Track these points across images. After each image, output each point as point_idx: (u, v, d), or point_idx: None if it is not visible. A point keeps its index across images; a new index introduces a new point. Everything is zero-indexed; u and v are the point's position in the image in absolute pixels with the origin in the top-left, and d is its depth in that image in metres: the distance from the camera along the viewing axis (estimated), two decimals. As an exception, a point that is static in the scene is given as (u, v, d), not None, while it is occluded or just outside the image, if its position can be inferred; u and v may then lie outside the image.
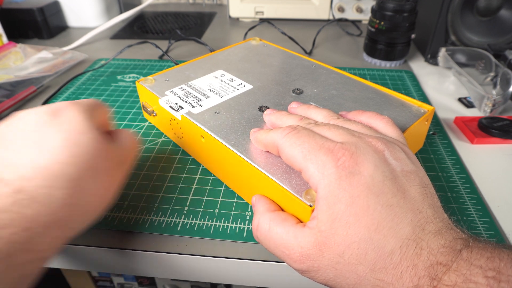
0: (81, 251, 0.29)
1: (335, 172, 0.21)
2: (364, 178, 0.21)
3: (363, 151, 0.22)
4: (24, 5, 0.65)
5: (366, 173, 0.21)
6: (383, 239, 0.20)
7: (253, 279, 0.29)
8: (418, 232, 0.20)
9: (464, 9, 0.53)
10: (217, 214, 0.30)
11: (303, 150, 0.23)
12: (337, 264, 0.21)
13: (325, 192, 0.21)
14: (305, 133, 0.24)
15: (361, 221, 0.20)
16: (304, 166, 0.23)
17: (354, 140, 0.23)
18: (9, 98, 0.46)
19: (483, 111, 0.44)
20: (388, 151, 0.23)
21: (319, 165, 0.22)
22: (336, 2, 0.71)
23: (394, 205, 0.21)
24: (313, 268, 0.21)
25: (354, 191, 0.21)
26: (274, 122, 0.30)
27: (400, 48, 0.54)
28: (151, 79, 0.39)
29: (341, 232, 0.20)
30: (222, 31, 0.72)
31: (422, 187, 0.22)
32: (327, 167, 0.22)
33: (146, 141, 0.39)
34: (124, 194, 0.32)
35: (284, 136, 0.25)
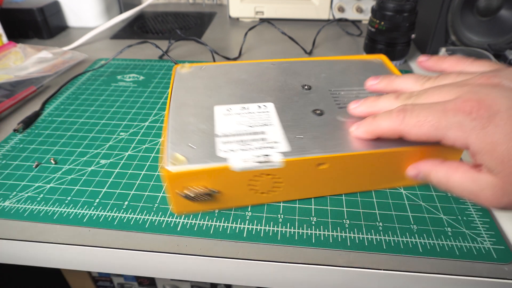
0: (81, 251, 0.29)
1: (477, 124, 0.21)
2: (505, 114, 0.21)
3: (484, 92, 0.22)
4: (24, 5, 0.65)
5: (503, 108, 0.21)
6: None
7: (253, 279, 0.29)
8: None
9: (464, 9, 0.53)
10: (217, 214, 0.30)
11: (432, 123, 0.23)
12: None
13: (479, 144, 0.21)
14: (418, 108, 0.24)
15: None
16: (442, 137, 0.23)
17: (466, 89, 0.23)
18: (9, 98, 0.46)
19: (483, 111, 0.44)
20: (503, 79, 0.22)
21: (457, 128, 0.22)
22: (336, 2, 0.71)
23: None
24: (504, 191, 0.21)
25: (504, 129, 0.21)
26: (368, 111, 0.29)
27: (400, 48, 0.54)
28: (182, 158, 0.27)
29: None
30: (222, 31, 0.72)
31: None
32: (465, 124, 0.21)
33: (146, 141, 0.39)
34: (124, 194, 0.32)
35: (402, 120, 0.24)
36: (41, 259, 0.30)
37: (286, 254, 0.27)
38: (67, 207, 0.31)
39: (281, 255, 0.27)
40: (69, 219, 0.30)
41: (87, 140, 0.40)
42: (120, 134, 0.41)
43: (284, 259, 0.27)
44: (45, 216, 0.30)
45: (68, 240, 0.29)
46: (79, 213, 0.31)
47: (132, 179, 0.34)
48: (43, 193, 0.33)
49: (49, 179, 0.34)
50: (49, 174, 0.35)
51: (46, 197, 0.32)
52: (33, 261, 0.31)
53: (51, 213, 0.31)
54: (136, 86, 0.51)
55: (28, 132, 0.41)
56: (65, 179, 0.34)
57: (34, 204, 0.32)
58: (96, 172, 0.35)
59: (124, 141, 0.39)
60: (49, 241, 0.29)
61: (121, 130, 0.41)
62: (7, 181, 0.34)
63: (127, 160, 0.36)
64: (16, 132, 0.41)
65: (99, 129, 0.41)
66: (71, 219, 0.30)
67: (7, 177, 0.35)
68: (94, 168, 0.35)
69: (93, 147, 0.38)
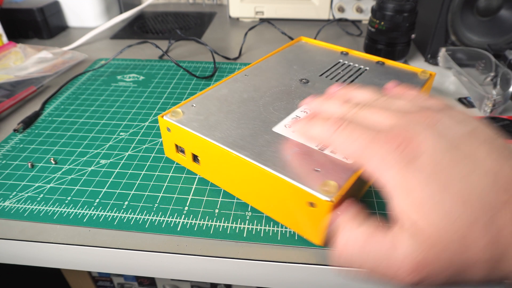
0: (81, 251, 0.29)
1: (398, 161, 0.20)
2: (428, 157, 0.20)
3: (417, 130, 0.21)
4: (24, 5, 0.65)
5: (428, 152, 0.20)
6: (474, 212, 0.18)
7: (253, 279, 0.29)
8: (501, 196, 0.18)
9: (464, 9, 0.53)
10: (217, 214, 0.30)
11: (359, 146, 0.22)
12: (452, 257, 0.18)
13: (395, 182, 0.20)
14: (352, 126, 0.23)
15: (445, 199, 0.19)
16: (364, 162, 0.22)
17: (404, 121, 0.22)
18: (9, 98, 0.46)
19: (483, 111, 0.44)
20: (439, 122, 0.22)
21: (380, 158, 0.21)
22: (336, 2, 0.71)
23: (469, 173, 0.19)
24: (428, 275, 0.19)
25: (424, 172, 0.20)
26: (316, 109, 0.29)
27: (400, 48, 0.54)
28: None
29: (436, 215, 0.19)
30: (222, 31, 0.72)
31: (487, 143, 0.21)
32: (389, 158, 0.21)
33: (146, 141, 0.39)
34: (124, 194, 0.32)
35: (333, 133, 0.24)
36: (41, 259, 0.30)
37: (286, 254, 0.27)
38: (67, 207, 0.31)
39: (281, 255, 0.27)
40: (69, 219, 0.30)
41: (87, 140, 0.40)
42: (120, 134, 0.41)
43: (284, 259, 0.27)
44: (45, 216, 0.30)
45: (68, 240, 0.29)
46: (79, 213, 0.31)
47: (132, 179, 0.34)
48: (43, 193, 0.33)
49: (49, 179, 0.34)
50: (49, 174, 0.35)
51: (46, 197, 0.32)
52: (33, 261, 0.31)
53: (51, 213, 0.31)
54: (136, 86, 0.51)
55: (28, 132, 0.41)
56: (65, 179, 0.34)
57: (34, 204, 0.32)
58: (96, 172, 0.35)
59: (124, 141, 0.39)
60: (49, 241, 0.29)
61: (121, 130, 0.41)
62: (7, 181, 0.34)
63: (127, 160, 0.36)
64: (16, 132, 0.41)
65: (99, 129, 0.41)
66: (71, 219, 0.30)
67: (7, 177, 0.35)
68: (94, 168, 0.35)
69: (93, 147, 0.38)
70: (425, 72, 0.41)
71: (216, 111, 0.34)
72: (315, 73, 0.42)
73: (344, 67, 0.43)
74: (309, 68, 0.43)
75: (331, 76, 0.41)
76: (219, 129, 0.31)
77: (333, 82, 0.40)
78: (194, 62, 0.58)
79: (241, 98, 0.36)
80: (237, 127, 0.32)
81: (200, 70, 0.55)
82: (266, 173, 0.27)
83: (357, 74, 0.41)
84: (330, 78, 0.41)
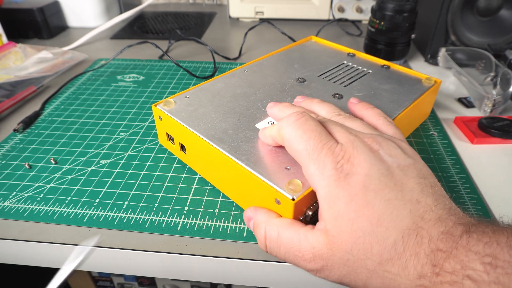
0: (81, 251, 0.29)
1: (334, 174, 0.22)
2: (361, 177, 0.22)
3: (359, 151, 0.23)
4: (24, 5, 0.65)
5: (362, 173, 0.22)
6: (385, 232, 0.21)
7: (253, 279, 0.29)
8: (418, 222, 0.21)
9: (464, 9, 0.53)
10: (217, 214, 0.30)
11: (308, 147, 0.23)
12: (348, 261, 0.21)
13: (324, 192, 0.22)
14: (312, 125, 0.24)
15: (362, 216, 0.21)
16: (306, 164, 0.23)
17: (352, 140, 0.24)
18: (9, 98, 0.46)
19: (483, 111, 0.44)
20: (383, 149, 0.24)
21: (320, 166, 0.23)
22: (336, 2, 0.71)
23: (392, 199, 0.21)
24: (327, 267, 0.22)
25: (352, 190, 0.22)
26: (276, 114, 0.30)
27: (400, 48, 0.54)
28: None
29: (346, 229, 0.21)
30: (222, 31, 0.72)
31: (420, 178, 0.23)
32: (327, 168, 0.22)
33: (146, 141, 0.39)
34: (124, 194, 0.32)
35: (291, 122, 0.25)
36: (41, 259, 0.30)
37: (286, 254, 0.27)
38: (67, 207, 0.31)
39: (281, 255, 0.27)
40: (69, 219, 0.30)
41: (87, 140, 0.40)
42: (120, 134, 0.41)
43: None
44: (45, 216, 0.30)
45: (68, 240, 0.29)
46: (79, 213, 0.31)
47: (132, 179, 0.34)
48: (43, 193, 0.33)
49: (49, 179, 0.34)
50: (49, 174, 0.35)
51: (46, 197, 0.32)
52: (33, 261, 0.31)
53: (51, 213, 0.31)
54: (136, 86, 0.51)
55: (28, 132, 0.41)
56: (65, 179, 0.34)
57: (34, 204, 0.32)
58: (96, 172, 0.35)
59: (124, 141, 0.39)
60: (49, 241, 0.29)
61: (121, 130, 0.41)
62: (7, 181, 0.34)
63: (127, 160, 0.36)
64: (16, 132, 0.41)
65: (99, 129, 0.41)
66: (71, 219, 0.30)
67: (7, 177, 0.35)
68: (94, 168, 0.35)
69: (93, 147, 0.38)
70: (429, 79, 0.40)
71: (206, 104, 0.35)
72: (314, 73, 0.42)
73: (346, 69, 0.43)
74: (310, 68, 0.43)
75: (330, 76, 0.41)
76: (205, 121, 0.32)
77: (330, 83, 0.40)
78: (194, 62, 0.58)
79: (234, 93, 0.37)
80: (222, 121, 0.33)
81: (200, 70, 0.55)
82: (238, 167, 0.28)
83: (357, 77, 0.41)
84: (329, 79, 0.40)
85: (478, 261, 0.18)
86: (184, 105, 0.35)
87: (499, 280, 0.17)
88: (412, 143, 0.39)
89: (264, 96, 0.37)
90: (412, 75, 0.41)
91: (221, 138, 0.30)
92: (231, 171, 0.29)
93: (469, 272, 0.18)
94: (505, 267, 0.17)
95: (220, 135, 0.31)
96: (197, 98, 0.36)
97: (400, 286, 0.20)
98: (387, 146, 0.24)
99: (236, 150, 0.29)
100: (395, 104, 0.36)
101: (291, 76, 0.41)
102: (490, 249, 0.18)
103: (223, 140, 0.30)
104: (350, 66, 0.43)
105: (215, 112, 0.34)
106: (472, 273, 0.18)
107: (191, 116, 0.33)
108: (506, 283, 0.17)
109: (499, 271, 0.17)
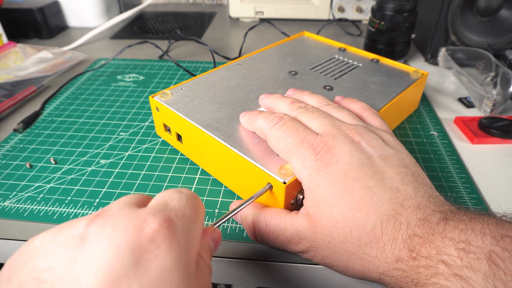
0: (81, 251, 0.29)
1: (314, 165, 0.24)
2: (341, 166, 0.23)
3: (340, 142, 0.24)
4: (24, 5, 0.65)
5: (342, 162, 0.23)
6: (364, 217, 0.22)
7: (253, 279, 0.29)
8: (397, 208, 0.22)
9: (464, 9, 0.53)
10: (217, 214, 0.30)
11: (287, 145, 0.25)
12: (329, 243, 0.23)
13: (307, 181, 0.24)
14: (290, 125, 0.26)
15: (342, 201, 0.22)
16: (289, 160, 0.25)
17: (334, 131, 0.25)
18: (9, 98, 0.46)
19: (483, 111, 0.44)
20: (364, 140, 0.25)
21: (301, 159, 0.24)
22: (336, 2, 0.71)
23: (372, 186, 0.22)
24: (312, 248, 0.24)
25: (332, 177, 0.23)
26: (268, 105, 0.32)
27: (400, 48, 0.54)
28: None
29: (326, 213, 0.23)
30: (222, 31, 0.72)
31: (401, 167, 0.24)
32: (308, 160, 0.24)
33: (146, 141, 0.39)
34: (124, 194, 0.32)
35: (271, 127, 0.27)
36: (41, 259, 0.30)
37: (286, 254, 0.27)
38: (67, 207, 0.31)
39: (281, 255, 0.27)
40: (69, 219, 0.30)
41: (87, 140, 0.40)
42: (120, 134, 0.41)
43: (284, 259, 0.27)
44: (45, 216, 0.30)
45: (68, 240, 0.29)
46: (79, 213, 0.31)
47: (132, 179, 0.34)
48: (43, 193, 0.33)
49: (49, 179, 0.34)
50: (49, 174, 0.35)
51: (46, 197, 0.32)
52: (33, 261, 0.31)
53: (51, 213, 0.31)
54: (136, 86, 0.51)
55: (28, 132, 0.41)
56: (65, 179, 0.34)
57: (34, 204, 0.32)
58: (96, 172, 0.35)
59: (124, 141, 0.39)
60: (49, 241, 0.29)
61: (121, 130, 0.41)
62: (7, 181, 0.34)
63: (127, 160, 0.36)
64: (16, 132, 0.41)
65: (99, 129, 0.41)
66: (71, 219, 0.30)
67: (7, 177, 0.35)
68: (94, 168, 0.35)
69: (93, 147, 0.38)
70: (417, 72, 0.41)
71: (202, 95, 0.36)
72: (306, 66, 0.43)
73: (337, 63, 0.44)
74: (302, 62, 0.44)
75: (321, 70, 0.42)
76: (200, 111, 0.34)
77: (321, 76, 0.41)
78: (194, 62, 0.58)
79: (229, 85, 0.38)
80: (216, 111, 0.34)
81: (200, 70, 0.55)
82: (233, 153, 0.29)
83: (347, 70, 0.42)
84: (320, 72, 0.42)
85: (453, 247, 0.19)
86: (181, 96, 0.36)
87: (471, 265, 0.18)
88: (412, 143, 0.39)
89: (257, 88, 0.38)
90: (400, 68, 0.43)
91: (216, 127, 0.32)
92: (226, 158, 0.30)
93: (443, 257, 0.19)
94: (477, 253, 0.18)
95: (215, 124, 0.32)
96: (193, 89, 0.37)
97: (379, 268, 0.21)
98: (368, 138, 0.25)
99: (230, 138, 0.30)
100: (382, 95, 0.37)
101: (284, 69, 0.42)
102: (465, 236, 0.19)
103: (218, 129, 0.31)
104: (340, 60, 0.45)
105: (210, 103, 0.35)
106: (446, 258, 0.19)
107: (187, 107, 0.34)
108: (477, 267, 0.18)
109: (472, 256, 0.18)
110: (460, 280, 0.18)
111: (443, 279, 0.18)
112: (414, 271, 0.20)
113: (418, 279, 0.19)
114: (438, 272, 0.19)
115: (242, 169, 0.29)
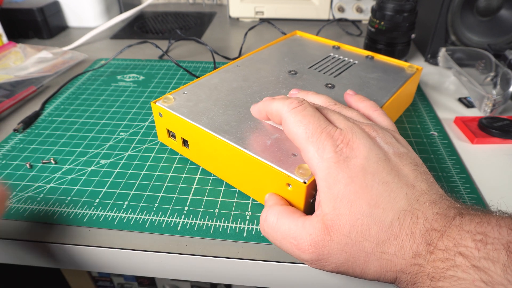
0: (81, 251, 0.29)
1: (333, 157, 0.23)
2: (360, 161, 0.23)
3: (358, 136, 0.24)
4: (24, 5, 0.65)
5: (361, 156, 0.23)
6: (382, 213, 0.21)
7: (253, 279, 0.29)
8: (413, 204, 0.21)
9: (464, 9, 0.53)
10: (217, 214, 0.30)
11: (307, 130, 0.24)
12: (346, 245, 0.22)
13: (324, 174, 0.23)
14: (311, 111, 0.25)
15: (361, 198, 0.22)
16: (305, 147, 0.24)
17: (350, 126, 0.25)
18: (9, 98, 0.46)
19: (483, 111, 0.44)
20: (379, 136, 0.25)
21: (320, 149, 0.23)
22: (336, 2, 0.71)
23: (389, 182, 0.22)
24: (323, 256, 0.22)
25: (351, 172, 0.22)
26: None
27: (400, 48, 0.54)
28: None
29: (344, 211, 0.22)
30: (222, 31, 0.72)
31: (414, 165, 0.24)
32: (326, 151, 0.23)
33: (146, 141, 0.39)
34: (124, 194, 0.32)
35: (291, 109, 0.26)
36: (41, 259, 0.30)
37: (286, 254, 0.27)
38: (67, 207, 0.31)
39: (280, 255, 0.27)
40: (69, 219, 0.30)
41: (87, 140, 0.40)
42: (120, 134, 0.41)
43: (284, 259, 0.27)
44: (45, 216, 0.30)
45: (68, 240, 0.29)
46: (79, 213, 0.31)
47: (132, 179, 0.34)
48: (43, 193, 0.33)
49: (49, 179, 0.34)
50: (49, 174, 0.35)
51: (46, 197, 0.32)
52: (33, 261, 0.31)
53: (51, 213, 0.31)
54: (136, 86, 0.51)
55: (28, 132, 0.41)
56: (65, 179, 0.34)
57: (34, 204, 0.32)
58: (96, 172, 0.35)
59: (124, 141, 0.39)
60: (49, 241, 0.29)
61: (121, 130, 0.41)
62: (7, 181, 0.34)
63: (127, 160, 0.36)
64: (16, 132, 0.41)
65: (99, 129, 0.41)
66: (71, 219, 0.30)
67: (7, 177, 0.35)
68: (94, 168, 0.35)
69: (93, 147, 0.38)
70: (411, 67, 0.42)
71: (206, 98, 0.36)
72: (304, 66, 0.43)
73: (333, 61, 0.44)
74: (299, 61, 0.44)
75: (319, 68, 0.42)
76: (207, 115, 0.33)
77: (321, 74, 0.41)
78: (194, 62, 0.58)
79: (231, 87, 0.38)
80: (223, 114, 0.33)
81: (200, 70, 0.55)
82: (248, 156, 0.28)
83: (345, 67, 0.43)
84: (318, 71, 0.42)
85: (470, 238, 0.19)
86: (184, 100, 0.35)
87: (489, 255, 0.18)
88: (412, 143, 0.39)
89: (260, 88, 0.38)
90: (395, 64, 0.43)
91: (226, 130, 0.31)
92: (240, 161, 0.30)
93: (461, 249, 0.19)
94: (495, 244, 0.18)
95: (225, 127, 0.31)
96: (195, 93, 0.37)
97: (397, 267, 0.21)
98: (383, 134, 0.25)
99: (242, 141, 0.30)
100: (383, 90, 0.38)
101: (283, 69, 0.42)
102: (481, 228, 0.19)
103: (228, 132, 0.31)
104: (336, 58, 0.45)
105: (215, 106, 0.34)
106: (464, 250, 0.19)
107: (192, 111, 0.34)
108: (495, 258, 0.18)
109: (489, 247, 0.18)
110: (478, 271, 0.18)
111: (460, 271, 0.18)
112: (431, 265, 0.19)
113: (434, 273, 0.19)
114: (456, 264, 0.18)
115: (258, 171, 0.28)
